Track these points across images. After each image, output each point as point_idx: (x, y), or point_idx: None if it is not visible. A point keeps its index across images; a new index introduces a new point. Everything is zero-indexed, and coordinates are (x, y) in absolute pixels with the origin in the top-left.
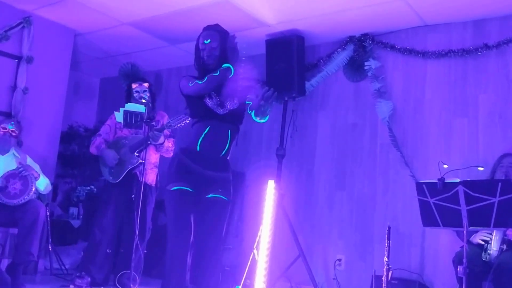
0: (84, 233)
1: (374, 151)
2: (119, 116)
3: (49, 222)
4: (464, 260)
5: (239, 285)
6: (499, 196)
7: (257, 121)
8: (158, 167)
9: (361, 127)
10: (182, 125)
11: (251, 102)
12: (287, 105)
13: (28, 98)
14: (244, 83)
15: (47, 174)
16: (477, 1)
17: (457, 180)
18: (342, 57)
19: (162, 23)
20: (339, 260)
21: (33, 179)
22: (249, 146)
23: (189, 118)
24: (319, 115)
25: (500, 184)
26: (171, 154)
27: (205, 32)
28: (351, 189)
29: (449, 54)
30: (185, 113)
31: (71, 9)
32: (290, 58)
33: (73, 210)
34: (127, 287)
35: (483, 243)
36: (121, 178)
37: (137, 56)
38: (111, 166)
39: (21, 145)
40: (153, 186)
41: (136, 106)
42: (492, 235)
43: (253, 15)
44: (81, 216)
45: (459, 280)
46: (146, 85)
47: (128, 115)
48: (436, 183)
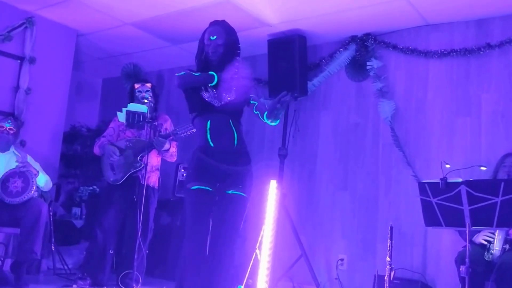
0: (87, 233)
1: (376, 151)
2: (121, 116)
3: (52, 222)
4: (467, 260)
5: (242, 285)
6: (502, 196)
7: (268, 123)
8: (160, 169)
9: (363, 127)
10: (188, 134)
11: (256, 102)
12: (289, 105)
13: (30, 99)
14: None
15: (50, 174)
16: (479, 1)
17: (460, 180)
18: (344, 56)
19: (164, 23)
20: (341, 260)
21: (33, 177)
22: (251, 146)
23: (194, 129)
24: (321, 115)
25: (502, 183)
26: (175, 158)
27: (211, 27)
28: (353, 189)
29: (451, 54)
30: (192, 122)
31: (74, 9)
32: (292, 58)
33: (76, 210)
34: (130, 287)
35: (486, 243)
36: (122, 180)
37: (139, 57)
38: (111, 162)
39: (24, 145)
40: (155, 188)
41: (138, 106)
42: (494, 235)
43: (255, 15)
44: (83, 216)
45: (462, 280)
46: (148, 85)
47: (131, 115)
48: (439, 183)
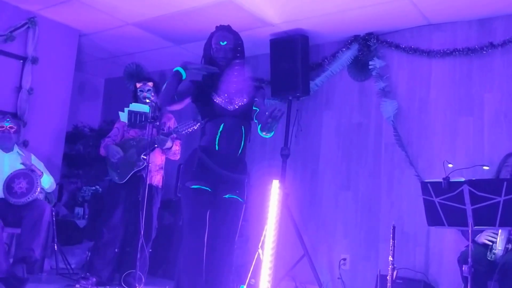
0: (90, 233)
1: (379, 150)
2: (123, 116)
3: (54, 222)
4: (469, 260)
5: (244, 285)
6: (505, 196)
7: (263, 135)
8: (164, 168)
9: (366, 126)
10: (189, 131)
11: (257, 108)
12: (291, 105)
13: (33, 99)
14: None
15: (53, 174)
16: (482, 0)
17: (462, 180)
18: (347, 56)
19: (166, 23)
20: (344, 259)
21: (38, 178)
22: (254, 145)
23: (197, 124)
24: (324, 114)
25: (505, 183)
26: (178, 157)
27: (219, 32)
28: (355, 188)
29: (454, 53)
30: (193, 118)
31: (76, 9)
32: (294, 57)
33: (79, 210)
34: (132, 286)
35: (489, 242)
36: (126, 179)
37: (141, 57)
38: (115, 162)
39: (27, 145)
40: (159, 187)
41: (140, 106)
42: (497, 234)
43: (257, 14)
44: (86, 216)
45: (464, 280)
46: (150, 84)
47: (133, 115)
48: (441, 182)
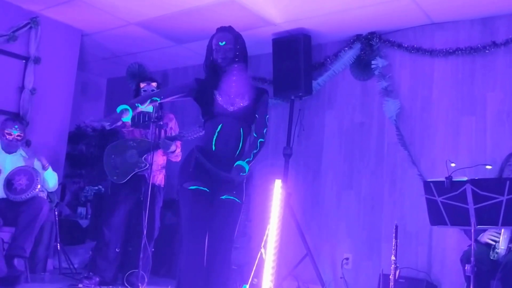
0: (92, 232)
1: (382, 150)
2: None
3: (57, 221)
4: (472, 259)
5: (247, 284)
6: (507, 195)
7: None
8: (166, 167)
9: (368, 126)
10: (195, 137)
11: (257, 115)
12: (294, 104)
13: (36, 99)
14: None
15: None
16: None
17: (465, 179)
18: (349, 55)
19: (169, 22)
20: (347, 259)
21: (38, 174)
22: None
23: (202, 131)
24: (326, 114)
25: (508, 182)
26: (180, 158)
27: (220, 33)
28: (358, 188)
29: (456, 52)
30: (199, 125)
31: (78, 9)
32: (297, 57)
33: (81, 210)
34: (135, 286)
35: (491, 242)
36: (126, 179)
37: (144, 56)
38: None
39: (29, 144)
40: (161, 186)
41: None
42: (500, 233)
43: (259, 14)
44: (89, 216)
45: (467, 279)
46: (154, 84)
47: (136, 115)
48: (444, 181)
